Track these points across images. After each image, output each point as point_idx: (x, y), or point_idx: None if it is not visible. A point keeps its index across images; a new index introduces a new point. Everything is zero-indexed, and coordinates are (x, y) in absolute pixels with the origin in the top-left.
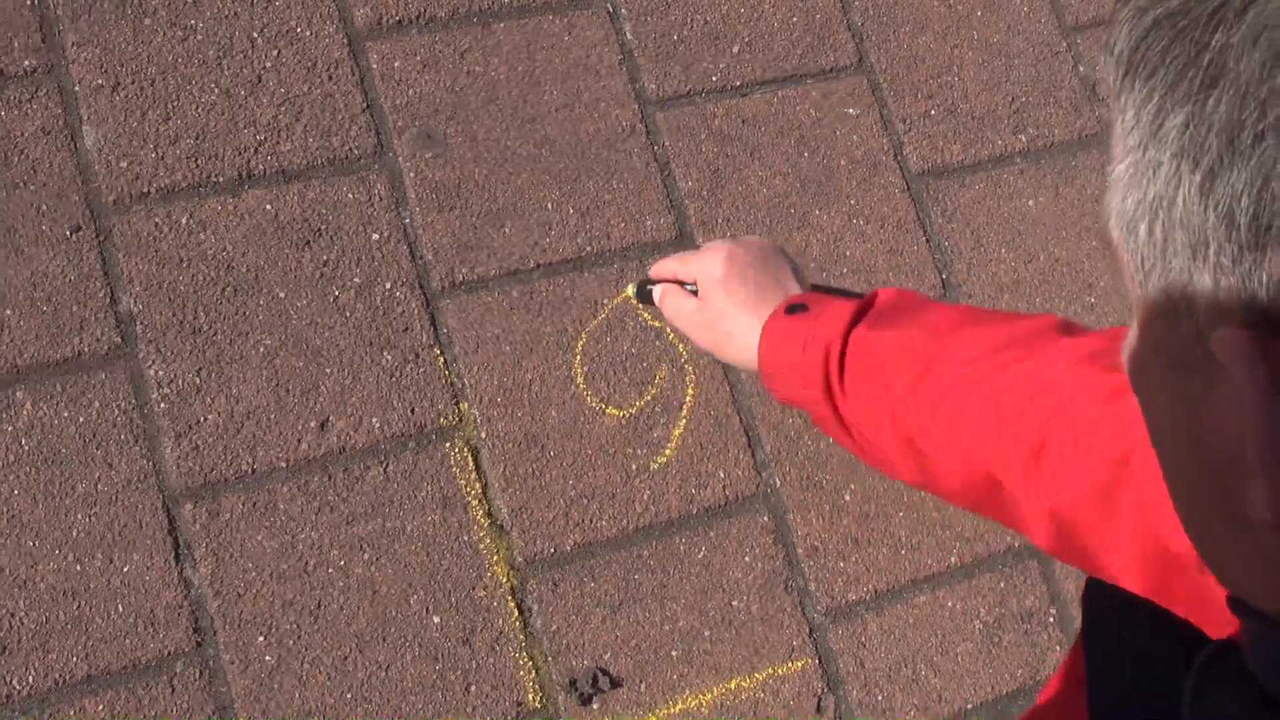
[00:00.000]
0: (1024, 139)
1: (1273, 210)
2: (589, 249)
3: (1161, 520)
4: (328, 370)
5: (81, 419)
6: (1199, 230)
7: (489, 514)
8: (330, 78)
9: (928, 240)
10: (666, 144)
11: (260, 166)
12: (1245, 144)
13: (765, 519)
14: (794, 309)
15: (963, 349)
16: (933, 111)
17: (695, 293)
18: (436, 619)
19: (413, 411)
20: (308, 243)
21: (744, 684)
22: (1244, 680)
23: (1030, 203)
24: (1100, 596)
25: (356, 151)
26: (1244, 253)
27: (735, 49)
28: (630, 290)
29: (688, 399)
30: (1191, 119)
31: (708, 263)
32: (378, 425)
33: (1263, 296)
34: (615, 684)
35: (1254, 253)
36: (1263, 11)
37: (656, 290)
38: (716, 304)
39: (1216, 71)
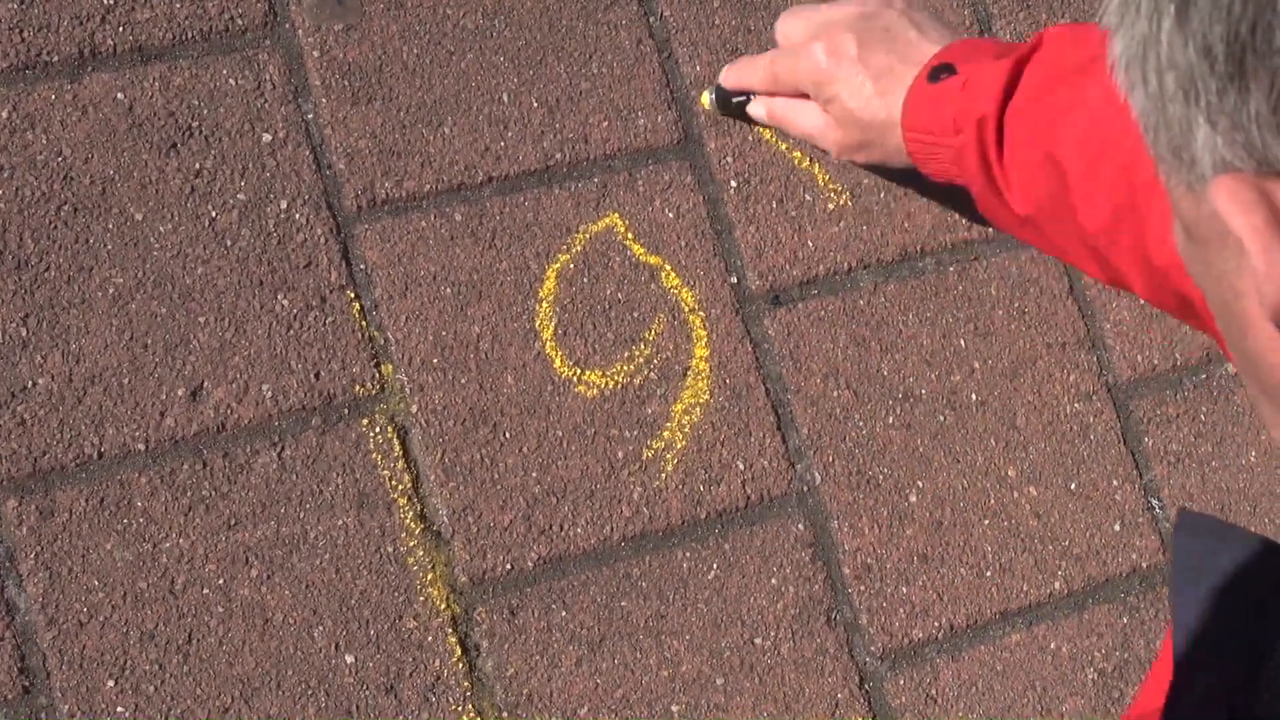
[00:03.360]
0: None
1: (1245, 34)
2: (559, 156)
3: None
4: (201, 319)
5: None
6: (1185, 70)
7: (421, 517)
8: None
9: None
10: (666, 13)
11: (109, 41)
12: None
13: (800, 527)
14: (938, 72)
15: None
16: None
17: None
18: (350, 658)
19: (317, 376)
20: (174, 146)
21: None
22: None
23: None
24: (1196, 531)
25: (240, 21)
26: (1228, 88)
27: None
28: (706, 99)
29: (694, 362)
30: None
31: (809, 72)
32: (269, 394)
33: (1256, 136)
34: None
35: (1237, 86)
36: None
37: (757, 106)
38: (850, 120)
39: None
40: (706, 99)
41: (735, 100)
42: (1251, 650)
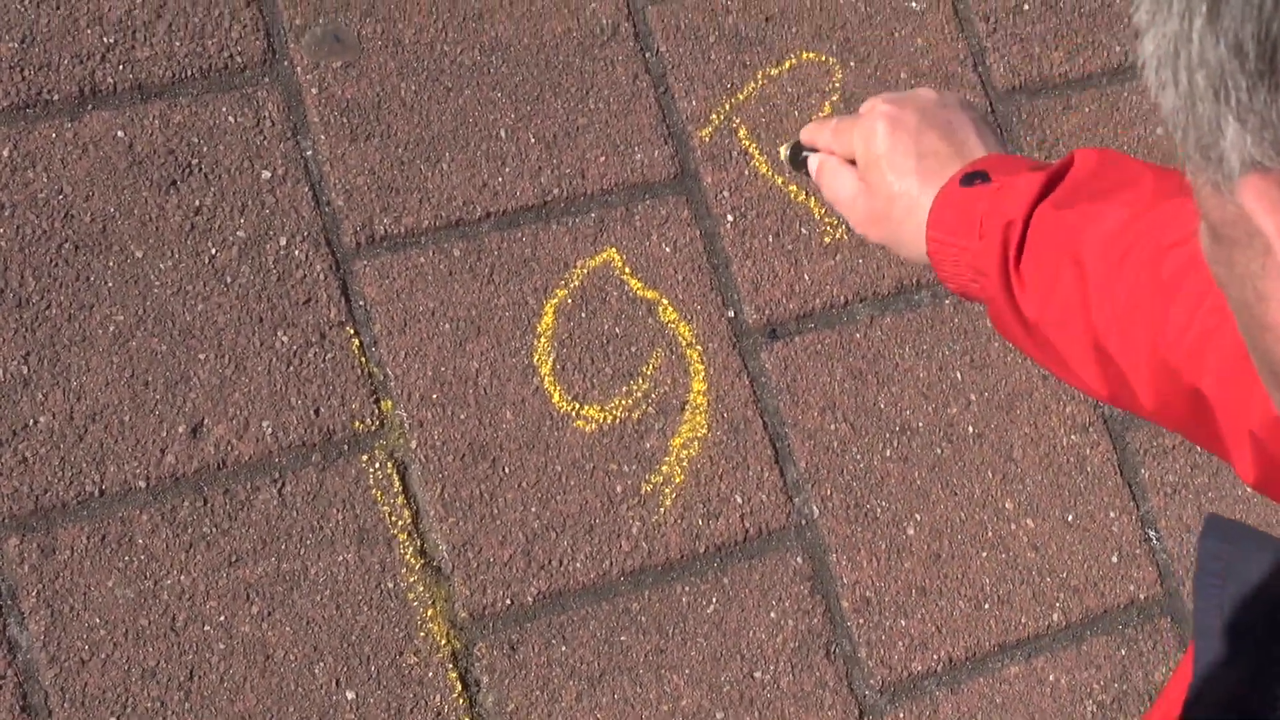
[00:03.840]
0: None
1: (1276, 31)
2: (556, 192)
3: None
4: (202, 356)
5: None
6: (1216, 68)
7: (421, 552)
8: None
9: None
10: (662, 49)
11: (109, 79)
12: None
13: (799, 560)
14: (971, 178)
15: (1167, 224)
16: (1025, 6)
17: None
18: (350, 694)
19: (317, 412)
20: (174, 183)
21: None
22: None
23: (1160, 131)
24: (1223, 537)
25: (239, 59)
26: (1259, 85)
27: None
28: (784, 152)
29: (692, 396)
30: None
31: (866, 133)
32: (270, 431)
33: None
34: None
35: (1267, 82)
36: None
37: (814, 160)
38: (882, 188)
39: None
40: (784, 151)
41: (801, 155)
42: (1267, 657)
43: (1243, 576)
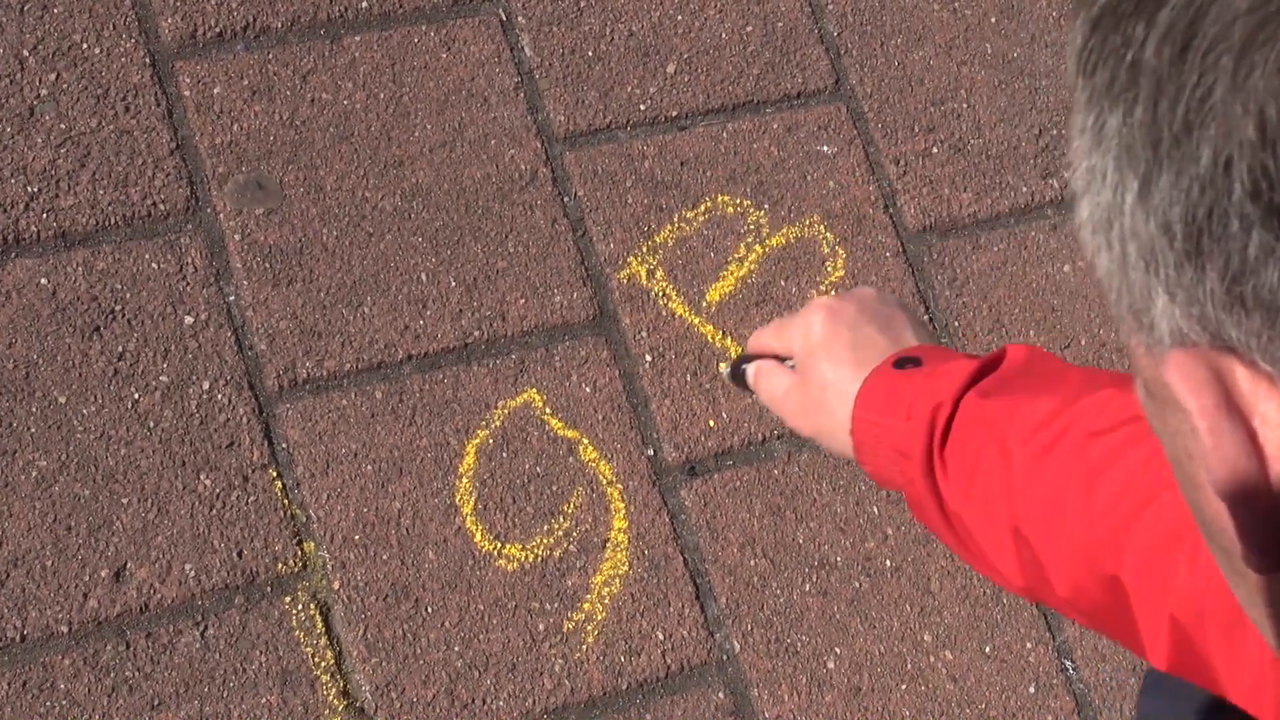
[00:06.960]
0: (1056, 185)
1: (1201, 217)
2: (477, 334)
3: None
4: (124, 500)
5: None
6: (1147, 242)
7: (345, 693)
8: (127, 109)
9: (930, 319)
10: (579, 193)
11: (33, 228)
12: (1166, 147)
13: (720, 695)
14: (904, 362)
15: (1094, 413)
16: (934, 149)
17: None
18: None
19: (240, 555)
20: (97, 329)
21: None
22: None
23: (1067, 268)
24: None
25: (163, 207)
26: (1185, 264)
27: (671, 68)
28: (723, 369)
29: (613, 534)
30: (1124, 121)
31: (805, 325)
32: (192, 574)
33: (1210, 311)
34: None
35: (1194, 264)
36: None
37: (750, 369)
38: (816, 376)
39: (1137, 68)
40: (724, 369)
41: (740, 369)
42: None
43: None
